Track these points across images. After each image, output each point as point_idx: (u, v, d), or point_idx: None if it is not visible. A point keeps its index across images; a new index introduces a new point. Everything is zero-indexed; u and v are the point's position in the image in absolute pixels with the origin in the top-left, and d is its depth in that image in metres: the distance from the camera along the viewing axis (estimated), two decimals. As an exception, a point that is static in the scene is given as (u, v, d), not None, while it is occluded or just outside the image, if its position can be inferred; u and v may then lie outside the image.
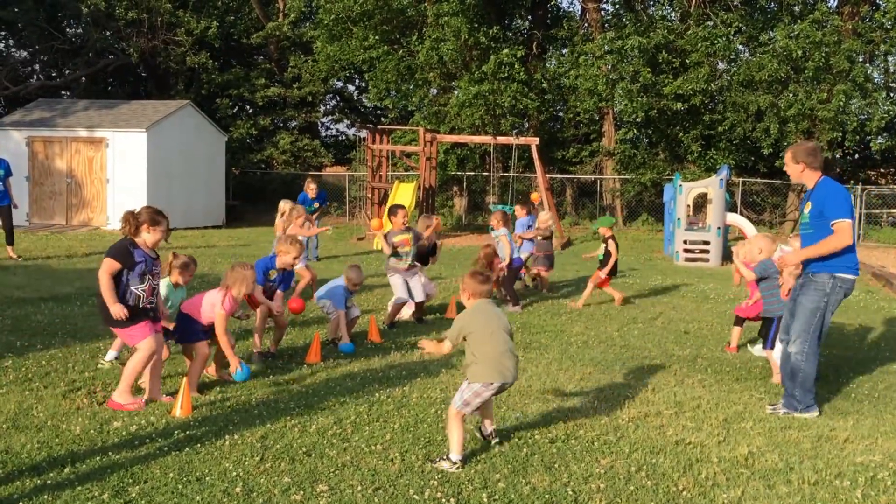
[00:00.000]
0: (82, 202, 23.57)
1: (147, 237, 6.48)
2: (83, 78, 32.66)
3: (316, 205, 17.31)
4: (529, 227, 13.28)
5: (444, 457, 5.31)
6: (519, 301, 11.45)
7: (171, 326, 7.22)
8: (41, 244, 18.30)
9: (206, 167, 25.61)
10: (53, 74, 33.93)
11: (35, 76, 33.94)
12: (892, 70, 25.84)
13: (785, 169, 6.94)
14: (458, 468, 5.20)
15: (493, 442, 5.74)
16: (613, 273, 12.11)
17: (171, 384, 7.04)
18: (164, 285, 7.36)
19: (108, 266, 6.31)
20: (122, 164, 23.14)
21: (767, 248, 7.89)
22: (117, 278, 6.33)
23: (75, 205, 23.60)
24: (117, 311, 6.26)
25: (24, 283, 12.55)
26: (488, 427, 5.83)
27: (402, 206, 10.53)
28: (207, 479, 5.01)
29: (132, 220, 6.45)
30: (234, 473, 5.09)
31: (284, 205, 12.38)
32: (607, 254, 11.98)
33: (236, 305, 7.13)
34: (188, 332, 7.00)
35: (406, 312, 10.21)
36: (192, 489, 4.85)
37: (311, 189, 17.46)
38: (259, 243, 20.07)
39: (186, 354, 7.09)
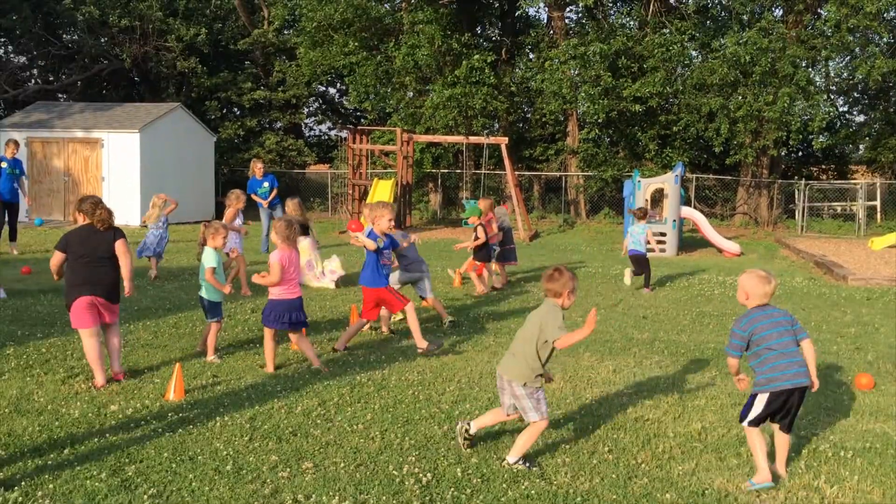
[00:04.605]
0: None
1: None
2: (79, 82, 32.21)
3: (266, 184, 16.28)
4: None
5: None
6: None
7: (227, 290, 7.45)
8: (41, 239, 18.07)
9: (196, 166, 25.37)
10: (51, 79, 33.40)
11: (33, 80, 33.39)
12: (832, 74, 26.10)
13: None
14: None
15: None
16: (488, 258, 11.89)
17: (166, 370, 6.99)
18: (213, 254, 7.46)
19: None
20: (116, 163, 22.87)
21: (755, 289, 5.03)
22: None
23: (72, 202, 23.19)
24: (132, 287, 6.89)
25: (25, 276, 12.39)
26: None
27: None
28: (199, 458, 4.99)
29: (108, 209, 6.87)
30: (225, 452, 5.07)
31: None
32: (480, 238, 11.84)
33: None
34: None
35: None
36: (185, 468, 4.83)
37: (257, 169, 16.23)
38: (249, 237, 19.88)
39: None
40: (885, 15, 23.41)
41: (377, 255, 7.89)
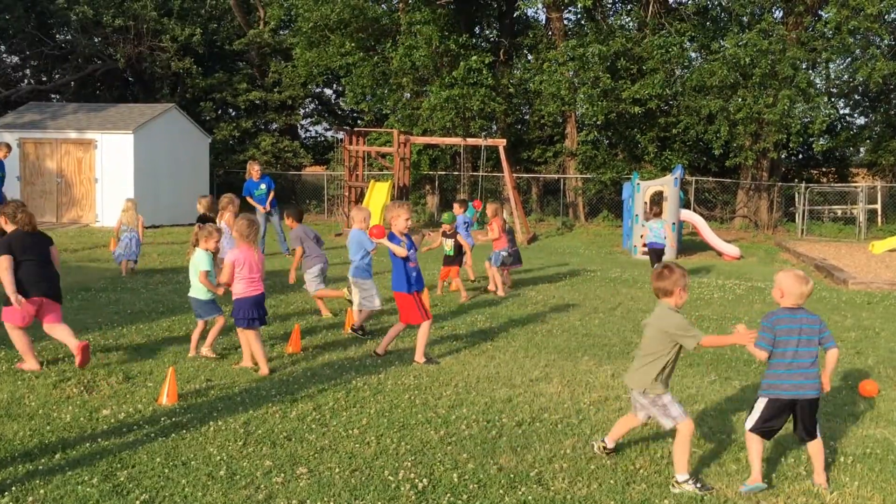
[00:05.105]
0: (72, 201, 23.24)
1: None
2: (72, 82, 32.20)
3: (262, 186, 16.17)
4: (466, 222, 12.93)
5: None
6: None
7: (220, 291, 7.47)
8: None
9: (190, 167, 25.35)
10: (44, 79, 33.40)
11: (26, 80, 33.38)
12: (832, 76, 26.16)
13: None
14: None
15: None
16: (459, 263, 11.94)
17: (158, 373, 6.98)
18: (204, 256, 7.60)
19: None
20: (110, 165, 22.84)
21: (792, 289, 4.96)
22: None
23: (65, 203, 23.27)
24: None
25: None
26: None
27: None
28: (192, 463, 4.97)
29: (30, 213, 7.30)
30: (218, 457, 5.06)
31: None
32: (458, 246, 11.78)
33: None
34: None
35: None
36: (178, 473, 4.82)
37: (254, 171, 16.22)
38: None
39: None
40: (885, 17, 23.46)
41: (404, 259, 7.71)
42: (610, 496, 4.68)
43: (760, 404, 4.94)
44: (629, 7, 27.91)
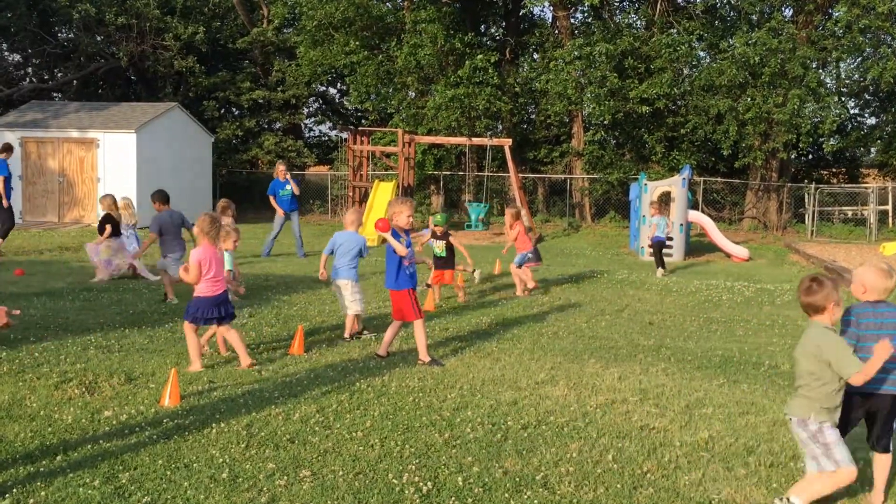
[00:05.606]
0: (74, 200, 23.31)
1: None
2: (74, 81, 32.29)
3: (288, 187, 16.27)
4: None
5: None
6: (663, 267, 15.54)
7: (241, 290, 7.76)
8: (34, 241, 18.08)
9: (193, 167, 25.41)
10: (46, 77, 33.49)
11: (28, 79, 33.48)
12: (843, 76, 26.11)
13: None
14: None
15: None
16: (451, 265, 11.67)
17: (160, 374, 6.99)
18: (225, 256, 7.79)
19: None
20: (112, 164, 22.91)
21: (875, 284, 4.72)
22: None
23: (67, 203, 23.34)
24: None
25: (18, 278, 12.39)
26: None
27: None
28: (195, 465, 4.98)
29: None
30: (221, 460, 5.06)
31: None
32: (449, 247, 11.50)
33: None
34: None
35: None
36: (181, 475, 4.82)
37: (280, 171, 16.36)
38: (244, 239, 19.89)
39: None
40: (897, 15, 23.41)
41: (401, 256, 7.66)
42: (616, 500, 4.67)
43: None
44: (637, 5, 27.89)
